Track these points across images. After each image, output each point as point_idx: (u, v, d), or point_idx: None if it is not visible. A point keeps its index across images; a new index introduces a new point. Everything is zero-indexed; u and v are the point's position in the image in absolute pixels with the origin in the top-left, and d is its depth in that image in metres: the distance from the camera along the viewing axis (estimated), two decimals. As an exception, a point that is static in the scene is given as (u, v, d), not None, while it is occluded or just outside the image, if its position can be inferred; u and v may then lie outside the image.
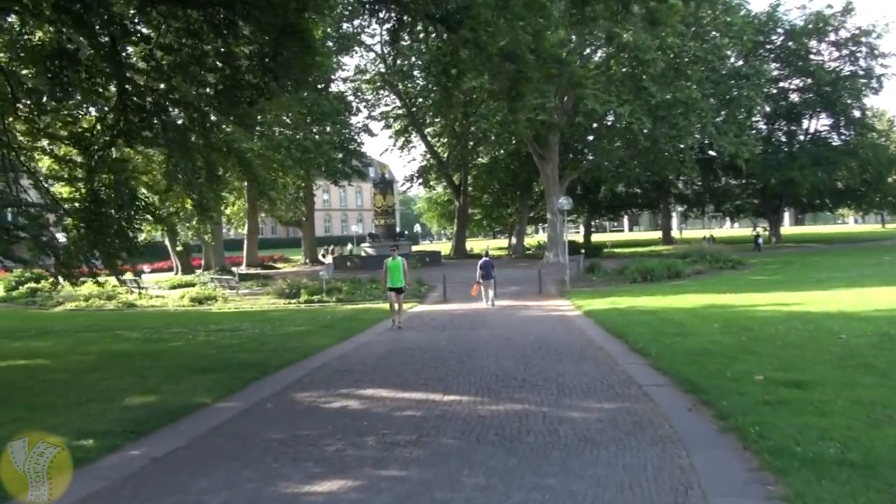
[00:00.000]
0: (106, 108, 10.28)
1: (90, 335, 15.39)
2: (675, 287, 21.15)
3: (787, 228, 62.40)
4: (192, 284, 30.27)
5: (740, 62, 40.13)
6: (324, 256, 45.11)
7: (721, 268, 28.53)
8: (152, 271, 40.95)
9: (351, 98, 40.78)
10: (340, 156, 35.14)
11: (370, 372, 8.74)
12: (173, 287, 30.28)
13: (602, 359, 9.05)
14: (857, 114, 49.99)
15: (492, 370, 8.42)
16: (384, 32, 44.44)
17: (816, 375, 6.97)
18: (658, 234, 71.35)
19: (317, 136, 33.04)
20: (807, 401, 5.89)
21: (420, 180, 52.40)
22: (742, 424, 5.24)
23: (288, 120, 32.97)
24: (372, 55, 45.48)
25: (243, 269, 41.83)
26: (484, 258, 20.48)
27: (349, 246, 45.68)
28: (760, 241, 46.28)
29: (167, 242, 38.63)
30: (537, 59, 9.22)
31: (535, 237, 71.29)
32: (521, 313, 16.32)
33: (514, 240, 54.16)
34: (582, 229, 63.91)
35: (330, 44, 34.26)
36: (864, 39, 46.91)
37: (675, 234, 64.50)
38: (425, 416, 6.15)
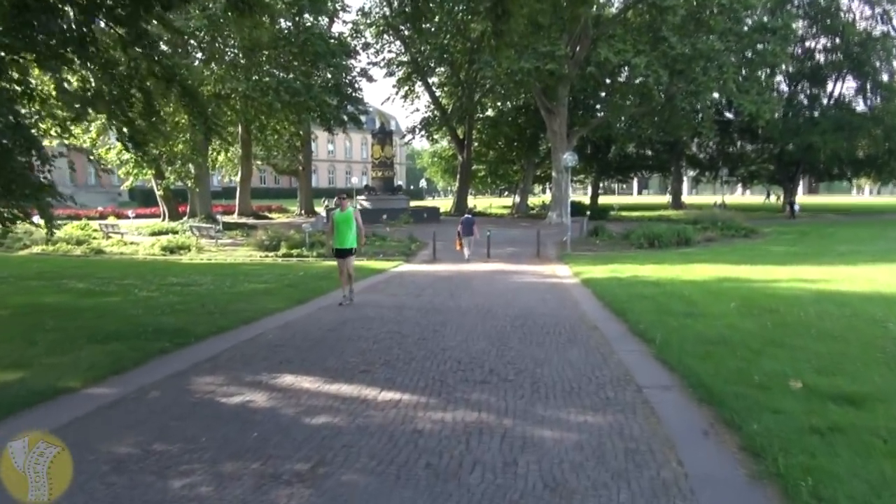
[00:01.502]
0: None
1: (31, 284, 13.88)
2: (683, 255, 19.40)
3: (802, 197, 60.08)
4: (174, 232, 28.70)
5: (765, 17, 37.38)
6: (326, 208, 43.29)
7: (733, 236, 26.79)
8: (137, 216, 39.40)
9: (350, 40, 38.37)
10: (335, 102, 32.96)
11: (307, 349, 7.10)
12: (154, 234, 28.73)
13: (595, 343, 7.38)
14: (885, 78, 47.28)
15: (456, 354, 6.78)
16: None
17: (872, 384, 5.28)
18: (667, 199, 69.28)
19: (313, 80, 30.94)
20: (870, 429, 4.22)
21: (423, 133, 50.17)
22: (785, 471, 3.59)
23: (282, 60, 30.88)
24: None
25: (234, 218, 40.26)
26: (465, 215, 21.14)
27: (335, 198, 43.76)
28: (797, 207, 44.18)
29: (154, 187, 36.94)
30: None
31: (542, 197, 69.14)
32: (511, 278, 14.64)
33: (517, 198, 52.17)
34: (590, 190, 61.70)
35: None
36: (899, -3, 43.99)
37: (685, 198, 62.43)
38: (340, 429, 4.51)
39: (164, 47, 28.07)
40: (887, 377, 5.54)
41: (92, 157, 28.40)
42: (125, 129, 9.84)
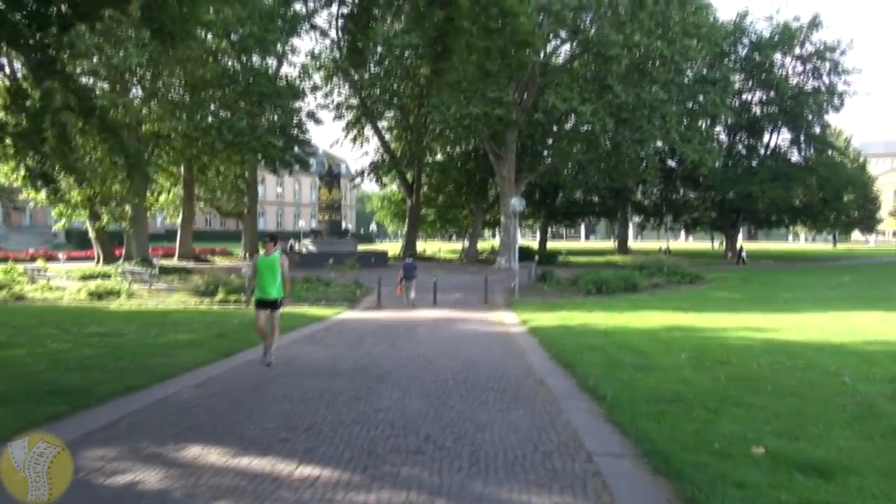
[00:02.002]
0: None
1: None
2: (631, 301, 19.24)
3: (741, 243, 61.72)
4: (106, 276, 27.21)
5: (704, 70, 38.71)
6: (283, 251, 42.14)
7: (679, 282, 26.93)
8: (69, 259, 37.51)
9: (298, 82, 38.00)
10: (281, 143, 32.31)
11: (223, 412, 6.33)
12: (84, 278, 27.10)
13: (541, 401, 6.83)
14: (817, 130, 49.47)
15: (390, 416, 6.12)
16: (340, 17, 42.14)
17: (838, 450, 4.86)
18: (613, 244, 70.27)
19: (259, 120, 30.23)
20: (846, 507, 3.76)
21: (372, 176, 49.79)
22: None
23: (226, 99, 30.19)
24: (327, 41, 42.89)
25: (174, 262, 38.75)
26: (406, 260, 21.77)
27: (289, 242, 42.83)
28: (744, 254, 45.30)
29: (89, 228, 35.30)
30: (473, 5, 6.95)
31: (491, 241, 69.29)
32: (456, 327, 14.07)
33: (467, 243, 51.97)
34: (538, 235, 62.16)
35: (280, 23, 31.66)
36: (828, 55, 46.36)
37: (631, 244, 63.46)
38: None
39: (100, 83, 27.26)
40: (852, 440, 5.14)
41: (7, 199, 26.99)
42: (32, 165, 9.01)
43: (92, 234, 33.81)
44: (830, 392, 6.85)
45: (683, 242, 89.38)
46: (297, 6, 39.30)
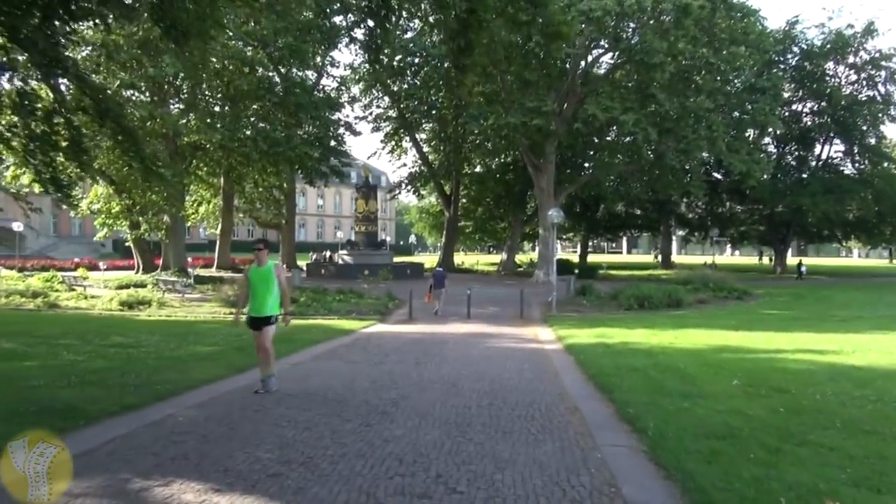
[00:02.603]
0: None
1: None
2: (675, 318, 18.21)
3: (791, 259, 59.48)
4: (141, 285, 27.29)
5: (753, 79, 37.33)
6: (316, 261, 41.91)
7: (726, 297, 25.74)
8: (110, 268, 37.96)
9: (336, 93, 37.91)
10: (317, 154, 32.13)
11: (216, 439, 5.73)
12: (120, 287, 27.21)
13: (574, 433, 6.05)
14: (872, 141, 47.35)
15: (399, 448, 5.42)
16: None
17: (934, 507, 3.99)
18: (653, 258, 68.50)
19: (295, 131, 30.03)
20: None
21: (409, 188, 49.45)
22: None
23: (261, 111, 30.18)
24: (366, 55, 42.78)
25: (212, 271, 38.90)
26: (436, 268, 22.04)
27: (325, 252, 42.66)
28: (804, 269, 43.55)
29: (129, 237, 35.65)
30: (499, -8, 6.28)
31: (530, 254, 68.28)
32: (488, 343, 13.32)
33: (504, 255, 51.14)
34: (579, 248, 60.95)
35: (318, 35, 31.55)
36: (884, 63, 44.36)
37: (674, 258, 61.72)
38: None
39: (138, 94, 27.46)
40: (949, 494, 4.25)
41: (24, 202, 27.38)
42: (41, 169, 8.66)
43: (127, 244, 34.10)
44: (912, 430, 5.91)
45: (729, 257, 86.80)
46: (337, 19, 39.48)
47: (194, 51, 8.90)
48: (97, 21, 8.27)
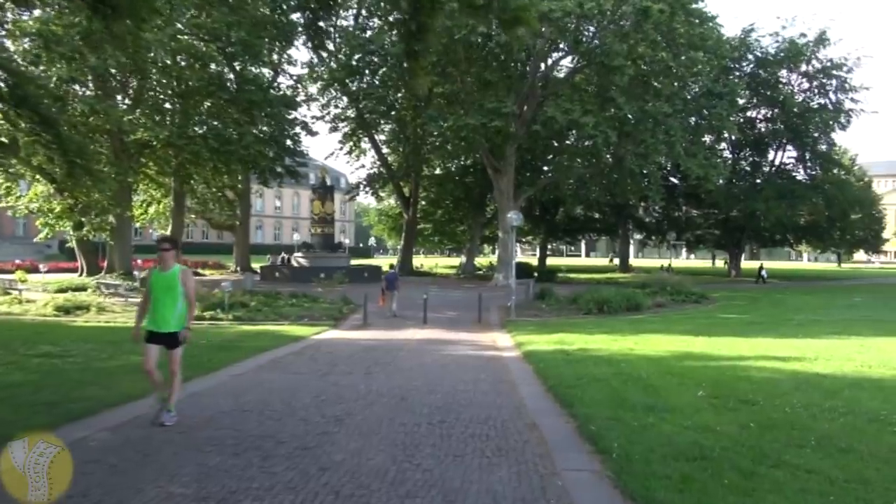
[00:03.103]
0: None
1: None
2: (635, 323, 17.95)
3: (746, 262, 60.61)
4: (83, 288, 25.96)
5: (710, 84, 37.70)
6: (279, 263, 40.68)
7: (683, 301, 25.76)
8: (51, 271, 36.17)
9: (290, 92, 36.96)
10: (272, 153, 31.16)
11: (126, 469, 5.00)
12: (60, 290, 25.80)
13: (532, 454, 5.52)
14: (823, 148, 48.43)
15: (336, 479, 4.80)
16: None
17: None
18: (610, 261, 69.03)
19: (248, 129, 28.95)
20: None
21: (368, 189, 48.63)
22: None
23: (212, 108, 29.09)
24: (325, 54, 41.89)
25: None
26: (389, 270, 21.75)
27: (281, 255, 41.60)
28: (764, 273, 44.13)
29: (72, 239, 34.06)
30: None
31: (490, 257, 68.14)
32: (444, 350, 12.75)
33: (464, 258, 50.74)
34: (538, 251, 61.00)
35: (273, 30, 30.62)
36: (835, 72, 45.44)
37: (632, 261, 62.28)
38: None
39: (84, 89, 26.18)
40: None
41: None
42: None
43: (68, 245, 32.62)
44: (888, 447, 5.55)
45: (685, 260, 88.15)
46: (296, 16, 38.54)
47: (128, 34, 8.06)
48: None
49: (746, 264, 58.90)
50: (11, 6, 24.24)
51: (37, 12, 22.33)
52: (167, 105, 30.14)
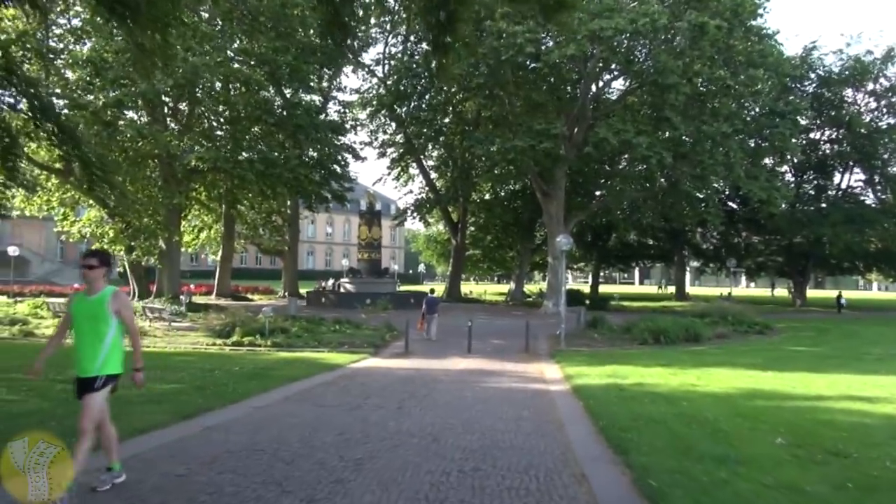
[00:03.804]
0: None
1: None
2: (694, 355, 16.65)
3: (809, 291, 57.62)
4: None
5: (770, 103, 36.08)
6: (322, 290, 40.45)
7: (746, 331, 24.14)
8: (104, 295, 36.75)
9: (338, 117, 37.04)
10: (318, 177, 31.04)
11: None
12: (108, 314, 26.00)
13: (580, 517, 4.60)
14: (894, 170, 45.75)
15: (342, 542, 3.99)
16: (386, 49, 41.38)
17: None
18: (670, 289, 66.67)
19: (294, 153, 28.86)
20: None
21: (416, 215, 48.26)
22: None
23: (257, 130, 29.18)
24: (374, 80, 42.12)
25: (212, 299, 37.74)
26: (429, 294, 21.40)
27: (330, 280, 41.40)
28: (844, 302, 41.82)
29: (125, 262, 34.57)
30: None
31: (539, 284, 66.86)
32: (486, 382, 11.84)
33: (513, 285, 49.65)
34: (589, 278, 59.46)
35: (320, 55, 30.73)
36: (904, 90, 42.96)
37: (688, 289, 59.98)
38: None
39: (132, 114, 26.58)
40: None
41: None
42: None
43: (118, 269, 33.09)
44: None
45: (745, 289, 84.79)
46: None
47: (157, 47, 7.62)
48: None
49: (812, 293, 56.01)
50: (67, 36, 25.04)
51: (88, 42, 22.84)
52: (218, 132, 30.44)
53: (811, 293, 55.08)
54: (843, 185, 47.61)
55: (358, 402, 9.28)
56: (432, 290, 24.15)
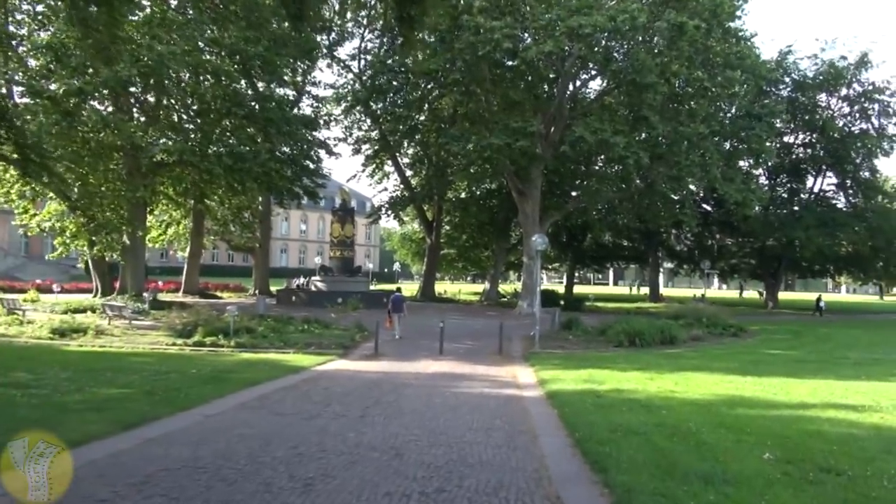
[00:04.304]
0: None
1: None
2: (671, 358, 16.28)
3: (781, 293, 58.07)
4: (91, 310, 25.09)
5: (747, 106, 36.03)
6: (293, 288, 39.45)
7: (721, 334, 23.91)
8: (66, 291, 35.50)
9: (310, 112, 36.24)
10: (289, 173, 30.18)
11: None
12: (67, 312, 24.93)
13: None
14: (866, 174, 46.21)
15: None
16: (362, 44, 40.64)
17: None
18: (643, 290, 66.80)
19: (265, 147, 27.96)
20: None
21: (389, 212, 47.46)
22: None
23: (227, 124, 28.25)
24: (349, 75, 41.34)
25: (179, 296, 36.66)
26: (394, 293, 21.46)
27: (301, 278, 40.51)
28: (823, 304, 41.97)
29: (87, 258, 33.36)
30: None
31: (514, 284, 66.53)
32: (457, 388, 11.29)
33: (488, 285, 49.19)
34: (564, 279, 59.29)
35: (293, 48, 29.86)
36: (877, 96, 43.33)
37: (661, 291, 60.12)
38: None
39: (96, 104, 25.51)
40: None
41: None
42: None
43: (83, 265, 31.92)
44: None
45: (717, 290, 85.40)
46: (321, 37, 37.94)
47: (103, 20, 6.93)
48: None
49: (783, 295, 56.45)
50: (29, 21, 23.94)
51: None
52: (187, 124, 29.43)
53: (782, 295, 55.49)
54: (816, 189, 47.94)
55: (318, 410, 8.67)
56: (398, 289, 23.83)
